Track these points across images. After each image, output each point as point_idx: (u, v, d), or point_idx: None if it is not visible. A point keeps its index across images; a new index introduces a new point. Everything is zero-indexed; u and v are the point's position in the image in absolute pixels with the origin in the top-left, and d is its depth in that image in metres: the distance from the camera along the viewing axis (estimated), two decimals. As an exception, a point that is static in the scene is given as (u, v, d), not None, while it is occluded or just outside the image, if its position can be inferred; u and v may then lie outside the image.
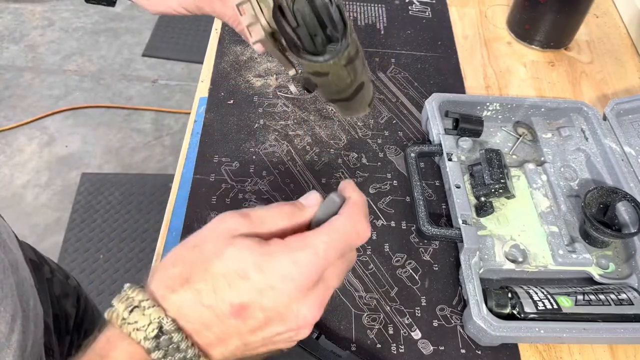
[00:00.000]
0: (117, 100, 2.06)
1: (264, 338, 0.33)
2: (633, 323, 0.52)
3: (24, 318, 0.52)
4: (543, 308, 0.52)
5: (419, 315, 0.55)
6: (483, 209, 0.61)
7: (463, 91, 0.77)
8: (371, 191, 0.65)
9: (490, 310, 0.52)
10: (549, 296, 0.53)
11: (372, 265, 0.58)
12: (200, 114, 0.71)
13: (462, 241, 0.56)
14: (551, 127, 0.71)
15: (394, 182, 0.66)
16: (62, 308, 0.68)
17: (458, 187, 0.60)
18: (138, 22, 2.33)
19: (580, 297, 0.54)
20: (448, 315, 0.55)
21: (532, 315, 0.52)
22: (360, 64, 0.44)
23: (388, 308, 0.55)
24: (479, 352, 0.53)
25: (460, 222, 0.57)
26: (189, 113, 0.72)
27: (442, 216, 0.63)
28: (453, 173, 0.61)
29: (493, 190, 0.61)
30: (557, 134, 0.70)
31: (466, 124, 0.68)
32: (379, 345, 0.53)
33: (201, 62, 0.78)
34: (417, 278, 0.58)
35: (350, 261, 0.36)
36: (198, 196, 0.62)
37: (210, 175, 0.65)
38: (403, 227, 0.62)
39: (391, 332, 0.54)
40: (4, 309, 0.48)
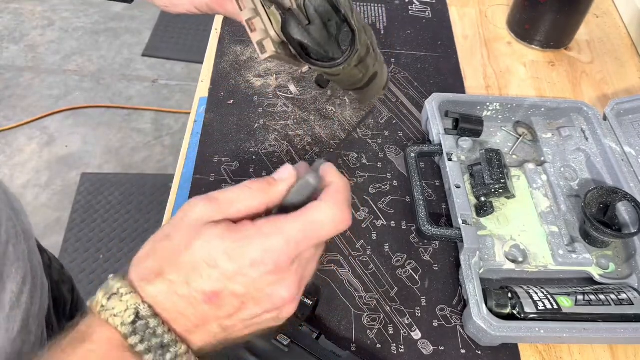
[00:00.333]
0: (117, 100, 2.06)
1: (243, 320, 0.34)
2: (633, 323, 0.52)
3: (33, 284, 0.54)
4: (543, 308, 0.52)
5: (419, 315, 0.55)
6: (483, 209, 0.61)
7: (463, 91, 0.77)
8: (371, 191, 0.65)
9: (490, 310, 0.52)
10: (549, 296, 0.53)
11: (372, 265, 0.58)
12: (200, 114, 0.71)
13: (462, 241, 0.56)
14: (551, 127, 0.70)
15: (394, 182, 0.66)
16: (61, 292, 0.70)
17: (458, 187, 0.60)
18: (138, 22, 2.33)
19: (580, 297, 0.54)
20: (448, 315, 0.55)
21: (532, 315, 0.52)
22: (371, 60, 0.44)
23: (388, 308, 0.55)
24: (479, 352, 0.53)
25: (460, 222, 0.57)
26: (189, 113, 0.72)
27: (442, 216, 0.63)
28: (453, 173, 0.61)
29: (493, 190, 0.61)
30: (557, 134, 0.70)
31: (466, 124, 0.68)
32: (379, 345, 0.53)
33: (201, 62, 0.78)
34: (417, 278, 0.58)
35: (314, 250, 0.35)
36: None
37: (210, 175, 0.65)
38: (403, 227, 0.62)
39: (391, 332, 0.54)
40: (16, 271, 0.51)
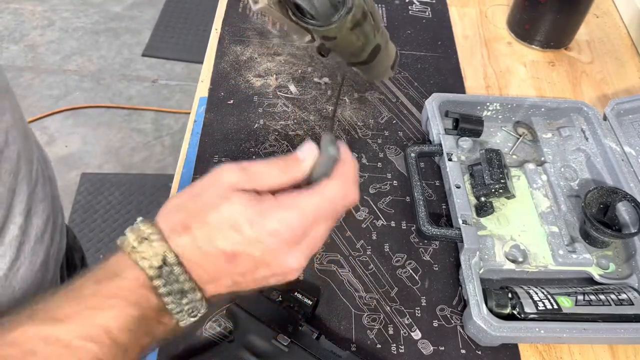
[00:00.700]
0: (117, 100, 2.06)
1: (254, 279, 0.38)
2: (633, 323, 0.52)
3: (54, 226, 0.58)
4: (543, 308, 0.52)
5: (419, 315, 0.55)
6: (483, 209, 0.61)
7: (463, 91, 0.77)
8: (371, 191, 0.64)
9: (490, 310, 0.52)
10: (549, 296, 0.53)
11: (372, 265, 0.58)
12: (200, 114, 0.71)
13: (462, 241, 0.56)
14: (551, 127, 0.70)
15: (394, 182, 0.66)
16: (72, 258, 0.71)
17: (458, 187, 0.60)
18: (138, 22, 2.33)
19: (580, 297, 0.54)
20: (448, 315, 0.55)
21: (532, 315, 0.52)
22: (370, 28, 0.45)
23: (388, 308, 0.55)
24: (479, 353, 0.53)
25: (460, 222, 0.57)
26: (189, 113, 0.72)
27: (442, 216, 0.63)
28: (453, 173, 0.61)
29: (493, 190, 0.61)
30: (557, 134, 0.70)
31: (466, 124, 0.68)
32: (379, 345, 0.53)
33: (201, 62, 0.78)
34: (417, 278, 0.58)
35: (337, 220, 0.39)
36: (198, 196, 0.62)
37: (210, 175, 0.65)
38: (403, 227, 0.62)
39: (391, 332, 0.54)
40: (42, 210, 0.55)
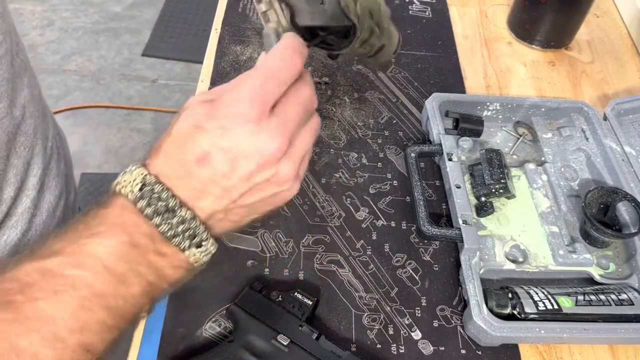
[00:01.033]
0: (117, 100, 2.06)
1: (241, 179, 0.36)
2: (633, 323, 0.52)
3: (66, 203, 0.59)
4: (543, 308, 0.52)
5: (419, 315, 0.55)
6: (483, 209, 0.61)
7: (463, 91, 0.77)
8: (371, 191, 0.64)
9: (490, 310, 0.52)
10: (550, 296, 0.53)
11: (372, 265, 0.58)
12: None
13: (463, 241, 0.56)
14: (551, 127, 0.70)
15: (394, 182, 0.66)
16: None
17: (458, 187, 0.60)
18: (138, 22, 2.33)
19: (580, 298, 0.54)
20: (448, 315, 0.55)
21: (533, 315, 0.52)
22: (376, 39, 0.46)
23: (388, 308, 0.55)
24: (479, 353, 0.53)
25: (460, 222, 0.57)
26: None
27: (443, 216, 0.63)
28: (453, 173, 0.61)
29: (493, 190, 0.61)
30: (558, 134, 0.69)
31: (466, 124, 0.68)
32: (379, 345, 0.53)
33: (201, 62, 0.78)
34: (417, 278, 0.58)
35: (302, 96, 0.38)
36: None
37: (210, 175, 0.64)
38: (403, 227, 0.61)
39: (391, 333, 0.54)
40: (55, 185, 0.56)
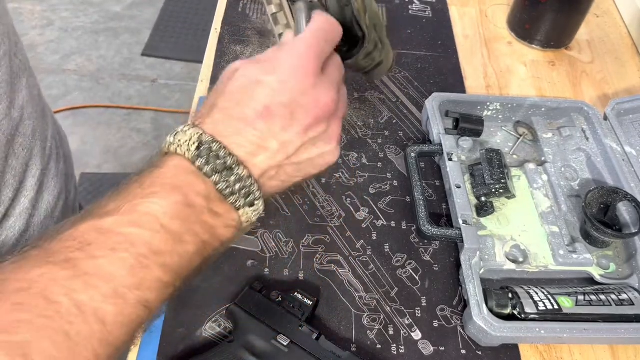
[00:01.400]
0: (117, 100, 2.05)
1: (298, 133, 0.37)
2: (634, 323, 0.52)
3: (66, 203, 0.58)
4: (544, 308, 0.52)
5: (419, 315, 0.55)
6: (483, 209, 0.61)
7: (463, 91, 0.77)
8: (371, 191, 0.64)
9: (490, 310, 0.52)
10: (550, 296, 0.53)
11: (372, 265, 0.58)
12: (199, 114, 0.71)
13: (463, 241, 0.56)
14: (552, 127, 0.70)
15: (394, 182, 0.65)
16: None
17: (458, 187, 0.60)
18: (137, 22, 2.33)
19: (581, 298, 0.53)
20: (448, 315, 0.55)
21: (533, 315, 0.52)
22: (378, 53, 0.47)
23: (388, 308, 0.55)
24: (480, 353, 0.53)
25: (460, 222, 0.57)
26: (189, 113, 0.72)
27: (443, 216, 0.63)
28: (453, 173, 0.61)
29: (493, 190, 0.61)
30: (558, 134, 0.69)
31: (466, 124, 0.68)
32: (379, 345, 0.53)
33: (201, 62, 0.78)
34: (418, 278, 0.57)
35: (338, 62, 0.41)
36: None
37: (209, 175, 0.64)
38: (403, 227, 0.61)
39: (391, 333, 0.54)
40: (54, 185, 0.56)
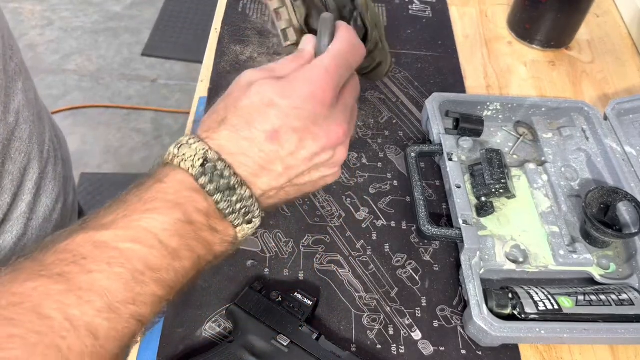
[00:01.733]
0: (117, 100, 2.05)
1: (304, 160, 0.37)
2: (634, 324, 0.52)
3: (64, 206, 0.58)
4: (544, 308, 0.52)
5: (419, 315, 0.55)
6: (484, 209, 0.61)
7: (463, 91, 0.77)
8: (371, 191, 0.64)
9: (490, 310, 0.52)
10: (550, 296, 0.53)
11: (372, 265, 0.58)
12: (199, 114, 0.71)
13: (463, 241, 0.56)
14: (552, 127, 0.70)
15: (394, 182, 0.65)
16: None
17: (458, 187, 0.60)
18: (137, 22, 2.33)
19: (581, 298, 0.53)
20: (448, 315, 0.55)
21: (533, 315, 0.52)
22: (378, 53, 0.47)
23: (388, 308, 0.55)
24: (480, 353, 0.53)
25: (460, 222, 0.57)
26: (189, 113, 0.72)
27: (443, 216, 0.63)
28: (453, 173, 0.61)
29: (494, 190, 0.61)
30: (558, 134, 0.69)
31: (466, 124, 0.68)
32: (379, 345, 0.53)
33: (201, 62, 0.77)
34: (418, 278, 0.57)
35: (355, 84, 0.41)
36: (197, 196, 0.62)
37: (209, 175, 0.64)
38: (403, 227, 0.61)
39: (391, 333, 0.53)
40: (52, 189, 0.55)
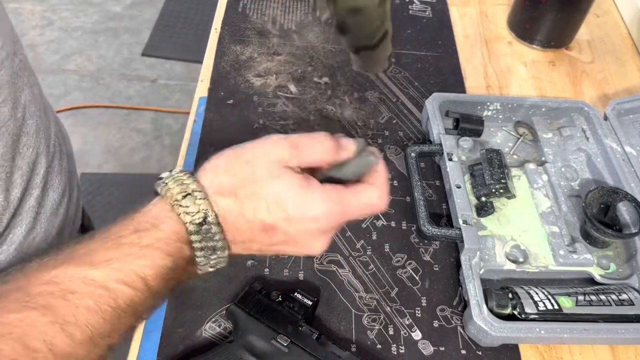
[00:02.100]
0: (117, 99, 2.05)
1: (277, 250, 0.41)
2: (634, 324, 0.52)
3: (69, 200, 0.59)
4: (544, 308, 0.52)
5: (419, 315, 0.55)
6: (484, 209, 0.61)
7: (463, 91, 0.77)
8: (371, 191, 0.64)
9: (490, 310, 0.52)
10: (550, 296, 0.53)
11: (372, 265, 0.58)
12: (199, 114, 0.71)
13: (463, 241, 0.56)
14: (552, 127, 0.70)
15: (394, 182, 0.65)
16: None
17: (458, 187, 0.60)
18: (137, 22, 2.33)
19: (581, 298, 0.53)
20: (448, 315, 0.55)
21: (533, 315, 0.52)
22: (389, 7, 0.47)
23: (388, 308, 0.55)
24: (480, 353, 0.53)
25: (460, 222, 0.57)
26: (189, 113, 0.72)
27: (443, 216, 0.63)
28: (453, 173, 0.61)
29: (494, 190, 0.61)
30: (558, 134, 0.69)
31: (466, 124, 0.68)
32: (379, 345, 0.53)
33: (201, 62, 0.78)
34: (418, 278, 0.57)
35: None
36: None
37: (209, 175, 0.64)
38: (403, 227, 0.61)
39: (391, 333, 0.53)
40: (58, 183, 0.56)
